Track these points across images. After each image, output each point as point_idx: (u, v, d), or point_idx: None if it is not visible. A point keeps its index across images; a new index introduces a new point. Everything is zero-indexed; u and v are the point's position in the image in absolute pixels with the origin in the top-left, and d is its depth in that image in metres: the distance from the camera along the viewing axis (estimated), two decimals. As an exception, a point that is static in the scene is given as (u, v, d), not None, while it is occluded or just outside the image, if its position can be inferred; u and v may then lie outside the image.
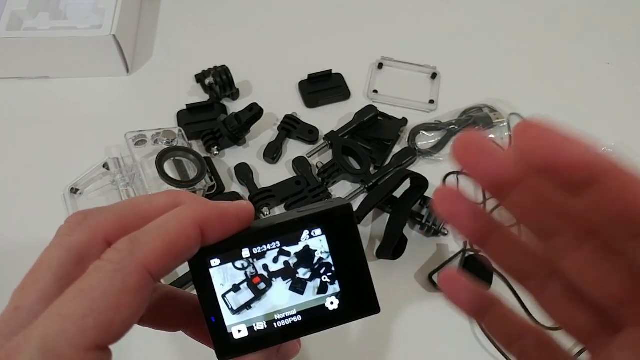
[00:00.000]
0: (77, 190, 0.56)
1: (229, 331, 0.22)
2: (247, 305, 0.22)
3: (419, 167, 0.61)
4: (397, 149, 0.62)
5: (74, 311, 0.17)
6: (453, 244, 0.56)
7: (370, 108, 0.62)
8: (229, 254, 0.22)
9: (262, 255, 0.22)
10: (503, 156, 0.19)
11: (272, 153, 0.60)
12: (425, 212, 0.55)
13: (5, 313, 0.19)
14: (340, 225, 0.23)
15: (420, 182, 0.55)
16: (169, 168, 0.54)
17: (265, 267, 0.23)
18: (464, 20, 0.76)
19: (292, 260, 0.23)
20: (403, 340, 0.50)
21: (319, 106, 0.66)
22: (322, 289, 0.23)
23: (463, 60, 0.71)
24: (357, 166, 0.60)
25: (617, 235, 0.16)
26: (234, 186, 0.59)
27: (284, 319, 0.23)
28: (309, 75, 0.66)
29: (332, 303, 0.23)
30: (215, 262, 0.22)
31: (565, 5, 0.79)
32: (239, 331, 0.22)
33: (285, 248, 0.23)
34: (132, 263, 0.18)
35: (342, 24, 0.74)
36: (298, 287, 0.23)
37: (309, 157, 0.60)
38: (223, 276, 0.22)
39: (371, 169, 0.60)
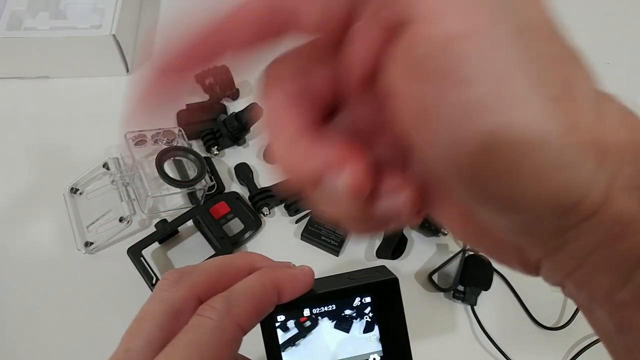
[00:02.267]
0: (77, 190, 0.56)
1: None
2: (292, 342, 0.25)
3: (419, 167, 0.61)
4: (397, 149, 0.62)
5: (188, 359, 0.20)
6: (453, 244, 0.56)
7: (370, 108, 0.62)
8: (293, 313, 0.25)
9: (322, 315, 0.26)
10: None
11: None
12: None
13: (118, 354, 0.22)
14: (387, 296, 0.26)
15: (420, 182, 0.55)
16: (168, 168, 0.54)
17: (311, 311, 0.26)
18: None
19: (353, 327, 0.26)
20: (403, 340, 0.50)
21: (319, 106, 0.65)
22: (368, 328, 0.26)
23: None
24: (357, 166, 0.60)
25: None
26: (234, 186, 0.59)
27: None
28: (309, 75, 0.66)
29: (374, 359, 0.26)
30: (280, 318, 0.25)
31: (564, 5, 0.79)
32: None
33: (349, 313, 0.26)
34: (229, 320, 0.22)
35: (342, 24, 0.74)
36: (343, 325, 0.26)
37: (309, 157, 0.60)
38: (291, 323, 0.26)
39: (371, 169, 0.60)
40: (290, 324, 0.25)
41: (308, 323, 0.25)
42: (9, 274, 0.51)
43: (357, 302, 0.26)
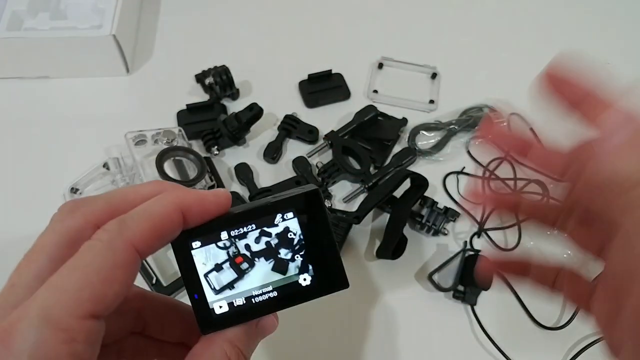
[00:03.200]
0: (77, 190, 0.56)
1: (210, 307, 0.24)
2: (230, 285, 0.24)
3: (419, 167, 0.61)
4: (397, 149, 0.62)
5: (71, 284, 0.19)
6: (453, 244, 0.56)
7: (370, 108, 0.62)
8: (209, 236, 0.24)
9: (242, 236, 0.24)
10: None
11: (272, 153, 0.60)
12: (425, 212, 0.55)
13: (3, 290, 0.21)
14: (310, 208, 0.24)
15: (420, 182, 0.55)
16: (169, 168, 0.54)
17: (247, 247, 0.24)
18: (464, 20, 0.76)
19: (274, 241, 0.24)
20: (403, 340, 0.50)
21: (319, 106, 0.66)
22: (303, 268, 0.25)
23: (463, 60, 0.71)
24: (357, 166, 0.60)
25: None
26: (234, 186, 0.59)
27: (261, 294, 0.24)
28: (309, 75, 0.66)
29: (305, 279, 0.25)
30: (196, 244, 0.24)
31: (565, 5, 0.79)
32: (220, 307, 0.24)
33: (266, 229, 0.24)
34: (121, 241, 0.20)
35: (342, 24, 0.74)
36: (280, 267, 0.24)
37: (309, 157, 0.61)
38: (205, 256, 0.24)
39: (371, 169, 0.60)
40: (226, 265, 0.24)
41: (245, 265, 0.24)
42: (9, 274, 0.51)
43: (278, 219, 0.24)
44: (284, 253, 0.24)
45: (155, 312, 0.27)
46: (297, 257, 0.24)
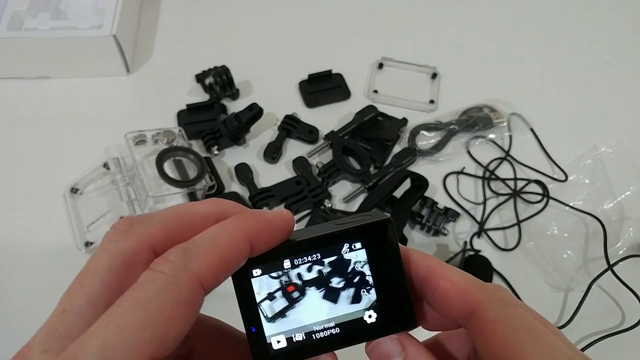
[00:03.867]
0: (77, 190, 0.56)
1: (268, 341, 0.23)
2: (282, 314, 0.23)
3: (419, 167, 0.61)
4: (397, 149, 0.62)
5: (132, 322, 0.17)
6: (453, 244, 0.56)
7: (370, 108, 0.62)
8: (271, 264, 0.22)
9: (315, 262, 0.23)
10: None
11: (272, 153, 0.60)
12: (425, 212, 0.55)
13: (53, 316, 0.19)
14: (380, 240, 0.23)
15: (420, 182, 0.55)
16: (169, 168, 0.54)
17: (299, 275, 0.23)
18: (464, 20, 0.76)
19: (326, 270, 0.23)
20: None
21: (319, 106, 0.66)
22: (356, 298, 0.23)
23: (463, 60, 0.71)
24: (357, 166, 0.60)
25: None
26: (234, 186, 0.59)
27: (322, 330, 0.23)
28: (309, 75, 0.66)
29: (370, 316, 0.23)
30: (257, 272, 0.22)
31: (565, 5, 0.79)
32: (278, 342, 0.23)
33: (338, 262, 0.23)
34: (186, 275, 0.18)
35: (342, 24, 0.75)
36: (331, 295, 0.23)
37: (309, 157, 0.61)
38: (259, 285, 0.23)
39: (371, 169, 0.60)
40: (278, 294, 0.23)
41: (296, 294, 0.23)
42: (9, 274, 0.51)
43: (345, 249, 0.23)
44: (336, 282, 0.23)
45: (205, 336, 0.25)
46: (351, 288, 0.23)
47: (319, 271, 0.23)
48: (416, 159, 0.61)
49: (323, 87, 0.66)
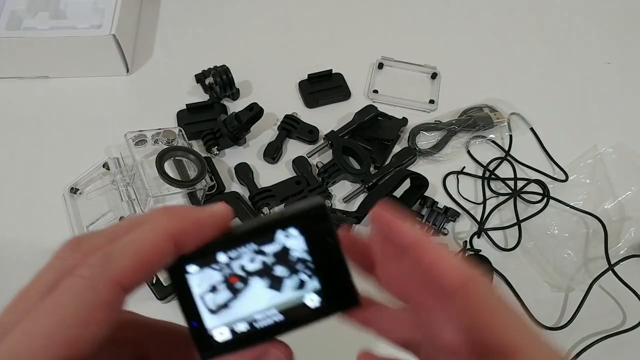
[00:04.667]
0: (77, 190, 0.56)
1: (210, 334, 0.23)
2: (225, 305, 0.23)
3: (419, 167, 0.61)
4: (397, 148, 0.62)
5: (42, 328, 0.17)
6: (453, 243, 0.56)
7: (370, 108, 0.62)
8: (205, 259, 0.22)
9: (251, 253, 0.23)
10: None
11: (272, 153, 0.60)
12: (425, 212, 0.55)
13: None
14: (315, 224, 0.23)
15: (420, 182, 0.55)
16: (169, 168, 0.54)
17: (242, 267, 0.23)
18: (464, 20, 0.76)
19: (270, 260, 0.23)
20: (403, 340, 0.50)
21: (319, 106, 0.66)
22: (300, 285, 0.23)
23: (463, 60, 0.71)
24: (357, 166, 0.60)
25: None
26: (234, 186, 0.59)
27: (265, 318, 0.23)
28: (309, 75, 0.66)
29: (312, 300, 0.23)
30: (192, 268, 0.22)
31: (565, 5, 0.79)
32: (221, 333, 0.23)
33: (275, 249, 0.23)
34: (105, 279, 0.19)
35: (342, 24, 0.74)
36: (275, 285, 0.23)
37: (309, 157, 0.60)
38: (199, 279, 0.22)
39: (371, 168, 0.60)
40: (221, 286, 0.22)
41: (240, 284, 0.23)
42: (9, 274, 0.51)
43: (281, 237, 0.23)
44: (279, 271, 0.23)
45: (156, 340, 0.25)
46: (295, 275, 0.23)
47: (263, 262, 0.23)
48: (416, 159, 0.61)
49: (323, 87, 0.66)
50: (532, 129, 0.65)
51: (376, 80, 0.68)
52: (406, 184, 0.56)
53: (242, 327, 0.23)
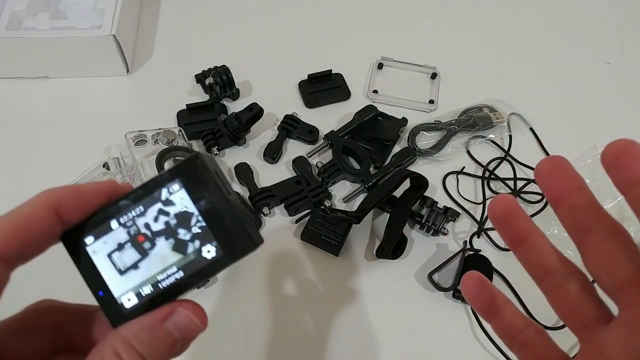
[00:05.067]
0: (77, 190, 0.56)
1: (119, 302, 0.23)
2: (135, 266, 0.23)
3: (419, 167, 0.61)
4: (397, 148, 0.62)
5: None
6: (453, 243, 0.56)
7: (370, 108, 0.62)
8: (100, 229, 0.23)
9: (140, 215, 0.23)
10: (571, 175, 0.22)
11: (272, 153, 0.60)
12: (425, 212, 0.55)
13: None
14: (194, 176, 0.23)
15: (420, 182, 0.55)
16: (169, 168, 0.54)
17: (147, 225, 0.23)
18: (464, 20, 0.76)
19: (172, 221, 0.23)
20: (403, 340, 0.50)
21: (319, 106, 0.66)
22: (204, 243, 0.23)
23: (463, 60, 0.71)
24: (357, 166, 0.60)
25: None
26: (234, 186, 0.59)
27: (167, 278, 0.23)
28: (309, 75, 0.66)
29: (209, 251, 0.23)
30: (89, 239, 0.23)
31: (565, 5, 0.79)
32: (129, 299, 0.23)
33: (163, 208, 0.23)
34: None
35: (342, 24, 0.75)
36: (180, 248, 0.23)
37: (309, 157, 0.61)
38: (103, 241, 0.23)
39: (371, 168, 0.60)
40: (127, 245, 0.23)
41: (147, 244, 0.23)
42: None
43: (164, 194, 0.23)
44: (182, 233, 0.23)
45: (77, 323, 0.25)
46: (197, 235, 0.23)
47: (166, 222, 0.23)
48: (416, 159, 0.61)
49: (323, 87, 0.66)
50: (531, 129, 0.65)
51: (376, 80, 0.68)
52: (406, 184, 0.56)
53: (147, 290, 0.23)
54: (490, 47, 0.73)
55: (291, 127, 0.62)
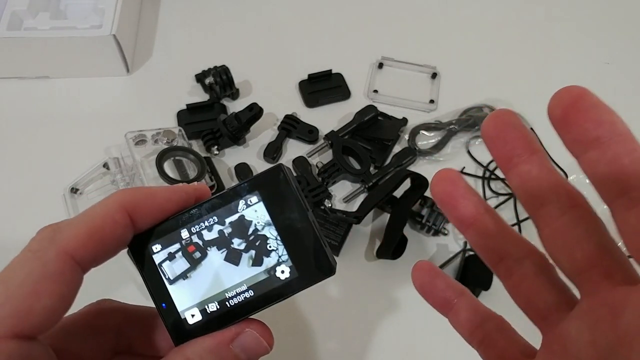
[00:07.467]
0: (77, 190, 0.56)
1: (182, 317, 0.22)
2: (184, 275, 0.22)
3: (419, 167, 0.61)
4: (397, 148, 0.62)
5: None
6: (453, 243, 0.56)
7: (370, 108, 0.62)
8: (168, 237, 0.22)
9: (213, 225, 0.22)
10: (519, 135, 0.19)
11: (272, 153, 0.60)
12: (425, 212, 0.55)
13: None
14: (275, 189, 0.22)
15: (420, 182, 0.55)
16: (169, 168, 0.54)
17: (199, 235, 0.22)
18: (464, 20, 0.76)
19: (227, 230, 0.22)
20: (403, 340, 0.50)
21: (319, 106, 0.66)
22: (257, 260, 0.22)
23: (463, 60, 0.71)
24: (357, 166, 0.60)
25: (603, 194, 0.17)
26: (234, 186, 0.59)
27: (235, 296, 0.22)
28: (309, 75, 0.66)
29: (282, 272, 0.22)
30: (156, 247, 0.22)
31: (565, 5, 0.79)
32: (192, 315, 0.22)
33: (237, 220, 0.22)
34: (52, 249, 0.18)
35: (342, 24, 0.74)
36: (233, 257, 0.22)
37: (309, 157, 0.61)
38: (170, 249, 0.22)
39: (371, 168, 0.60)
40: (178, 254, 0.22)
41: (197, 254, 0.22)
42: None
43: (241, 206, 0.21)
44: (237, 243, 0.22)
45: (139, 327, 0.24)
46: (272, 253, 0.22)
47: (220, 231, 0.22)
48: (416, 159, 0.61)
49: (323, 87, 0.66)
50: (531, 129, 0.65)
51: (376, 80, 0.68)
52: (406, 184, 0.56)
53: (212, 307, 0.22)
54: (490, 47, 0.73)
55: (291, 127, 0.62)
